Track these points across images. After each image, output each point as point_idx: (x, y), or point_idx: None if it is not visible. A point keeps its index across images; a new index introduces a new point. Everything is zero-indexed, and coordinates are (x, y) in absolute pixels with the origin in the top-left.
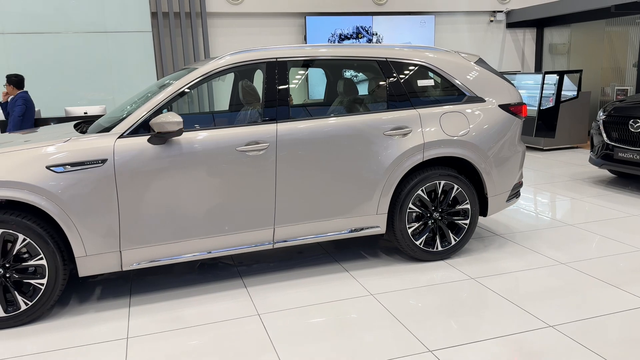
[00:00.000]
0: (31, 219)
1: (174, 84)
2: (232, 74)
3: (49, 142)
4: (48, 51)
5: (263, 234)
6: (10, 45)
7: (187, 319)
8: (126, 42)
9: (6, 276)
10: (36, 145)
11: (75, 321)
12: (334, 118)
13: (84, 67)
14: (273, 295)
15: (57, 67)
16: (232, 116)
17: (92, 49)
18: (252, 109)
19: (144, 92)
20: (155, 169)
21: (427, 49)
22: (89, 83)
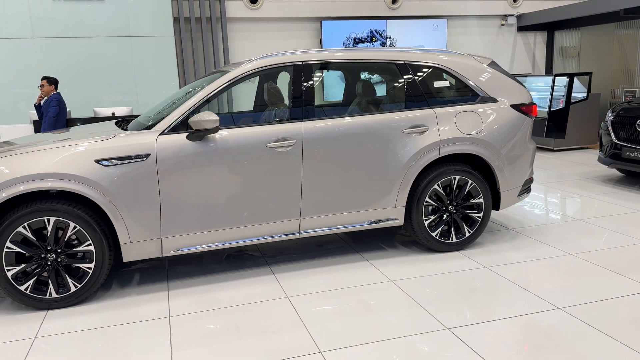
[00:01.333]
0: (81, 208)
1: (209, 85)
2: (257, 76)
3: (97, 138)
4: (75, 55)
5: (290, 224)
6: (40, 49)
7: (223, 300)
8: (149, 46)
9: (58, 260)
10: (86, 141)
11: (119, 303)
12: (355, 117)
13: (108, 70)
14: (300, 280)
15: (83, 70)
16: (260, 115)
17: (117, 52)
18: (280, 109)
19: (179, 93)
20: (192, 163)
21: (442, 52)
22: (113, 85)
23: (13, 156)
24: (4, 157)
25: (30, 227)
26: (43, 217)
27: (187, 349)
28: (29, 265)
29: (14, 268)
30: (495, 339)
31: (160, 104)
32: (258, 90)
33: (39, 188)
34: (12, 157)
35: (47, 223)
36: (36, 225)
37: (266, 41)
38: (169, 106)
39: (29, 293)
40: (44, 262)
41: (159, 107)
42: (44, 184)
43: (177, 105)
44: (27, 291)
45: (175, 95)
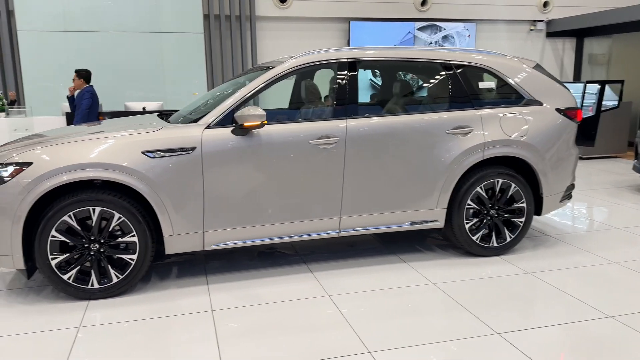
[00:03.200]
0: (125, 199)
1: (254, 81)
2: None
3: (144, 130)
4: (105, 49)
5: (330, 222)
6: (72, 42)
7: (263, 296)
8: (179, 43)
9: (101, 251)
10: (133, 132)
11: (159, 295)
12: (399, 116)
13: (137, 65)
14: (339, 279)
15: (113, 64)
16: (300, 112)
17: (147, 48)
18: (321, 106)
19: (221, 88)
20: (237, 157)
21: (488, 53)
22: (142, 80)
23: (56, 146)
24: (48, 147)
25: (75, 217)
26: (88, 206)
27: (234, 344)
28: (72, 254)
29: (58, 257)
30: (548, 345)
31: (201, 98)
32: (295, 87)
33: (84, 178)
34: (55, 147)
35: (92, 213)
36: (81, 215)
37: (294, 41)
38: (212, 101)
39: (72, 282)
40: (88, 251)
41: (201, 101)
42: (89, 174)
43: (221, 99)
44: (70, 280)
45: (217, 90)
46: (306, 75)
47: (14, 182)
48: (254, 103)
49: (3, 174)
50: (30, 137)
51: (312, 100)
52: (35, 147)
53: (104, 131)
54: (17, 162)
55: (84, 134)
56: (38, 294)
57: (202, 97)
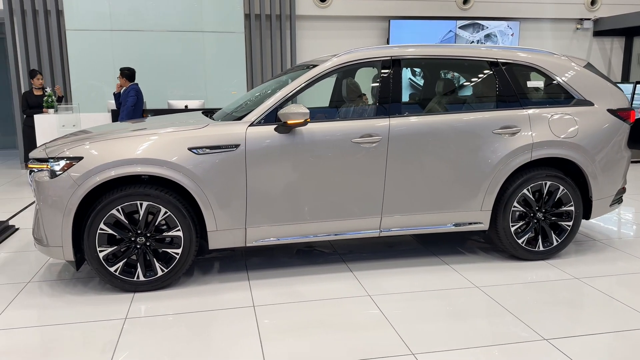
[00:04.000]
0: (172, 194)
1: (298, 79)
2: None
3: (190, 127)
4: (148, 47)
5: (371, 221)
6: (118, 41)
7: (305, 294)
8: (220, 42)
9: (147, 244)
10: (179, 128)
11: (202, 289)
12: (444, 115)
13: (179, 63)
14: (380, 280)
15: (155, 63)
16: (342, 110)
17: (188, 47)
18: (363, 104)
19: (264, 86)
20: (279, 155)
21: (537, 52)
22: (184, 79)
23: (105, 141)
24: (97, 142)
25: (123, 210)
26: (136, 201)
27: (277, 340)
28: (119, 247)
29: (105, 249)
30: (598, 353)
31: (244, 97)
32: (336, 86)
33: (132, 173)
34: (104, 143)
35: (140, 207)
36: (129, 209)
37: (333, 40)
38: (254, 99)
39: (119, 275)
40: (134, 245)
41: (244, 100)
42: (136, 169)
43: (265, 98)
44: (117, 273)
45: (259, 88)
46: (348, 73)
47: (65, 176)
48: (294, 102)
49: (55, 168)
50: (77, 134)
51: (354, 98)
52: (84, 143)
53: (149, 128)
54: (68, 156)
55: (129, 130)
56: (85, 285)
57: (245, 95)
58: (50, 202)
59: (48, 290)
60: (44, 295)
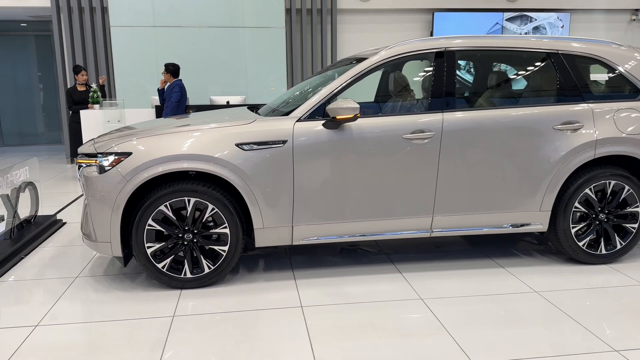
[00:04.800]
0: (219, 190)
1: (347, 72)
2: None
3: (237, 122)
4: (191, 43)
5: (422, 221)
6: (160, 37)
7: (353, 295)
8: (260, 37)
9: (194, 241)
10: (226, 124)
11: (249, 288)
12: (501, 109)
13: (220, 59)
14: (431, 282)
15: (198, 59)
16: (395, 105)
17: (229, 42)
18: (415, 99)
19: (310, 81)
20: (328, 151)
21: (600, 42)
22: (225, 74)
23: (153, 137)
24: (144, 138)
25: (171, 206)
26: (184, 197)
27: (327, 342)
28: (167, 243)
29: (153, 245)
30: None
31: (290, 91)
32: (382, 80)
33: (180, 169)
34: (152, 138)
35: (187, 203)
36: (176, 205)
37: (375, 34)
38: (301, 94)
39: (166, 271)
40: (181, 241)
41: (290, 94)
42: (183, 165)
43: (312, 92)
44: (164, 269)
45: (305, 83)
46: (395, 67)
47: (114, 171)
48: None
49: (104, 163)
50: (122, 130)
51: (402, 93)
52: (131, 138)
53: (195, 123)
54: (117, 152)
55: (176, 126)
56: (132, 281)
57: (290, 90)
58: (98, 197)
59: (96, 286)
60: (92, 291)
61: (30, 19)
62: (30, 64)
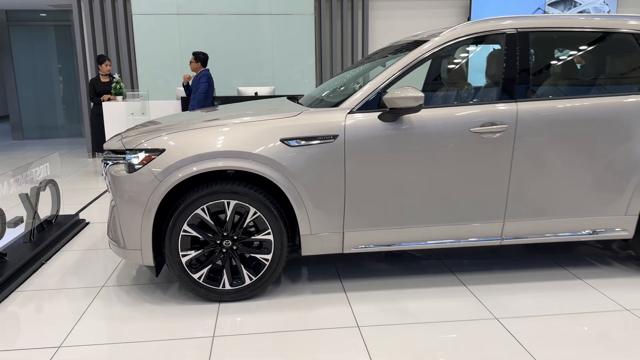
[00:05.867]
0: (262, 192)
1: (405, 58)
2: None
3: (281, 114)
4: (215, 32)
5: (491, 227)
6: (184, 25)
7: (415, 313)
8: (289, 24)
9: (233, 248)
10: (271, 117)
11: (295, 301)
12: (584, 99)
13: (246, 48)
14: (502, 297)
15: (222, 48)
16: (451, 95)
17: (256, 30)
18: (482, 86)
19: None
20: (384, 147)
21: None
22: (251, 64)
23: (186, 132)
24: (176, 133)
25: (208, 210)
26: (223, 199)
27: None
28: (204, 251)
29: (189, 254)
30: None
31: (333, 80)
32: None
33: (218, 168)
34: (186, 133)
35: (227, 206)
36: (214, 209)
37: (408, 20)
38: (348, 82)
39: (202, 282)
40: (220, 249)
41: (334, 83)
42: (225, 163)
43: (364, 80)
44: (201, 280)
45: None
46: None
47: (145, 170)
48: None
49: (133, 161)
50: (146, 124)
51: (457, 81)
52: (161, 134)
53: (229, 117)
54: (148, 148)
55: (206, 120)
56: (164, 292)
57: (335, 78)
58: (127, 199)
59: (124, 297)
60: (120, 304)
61: (50, 8)
62: (50, 55)
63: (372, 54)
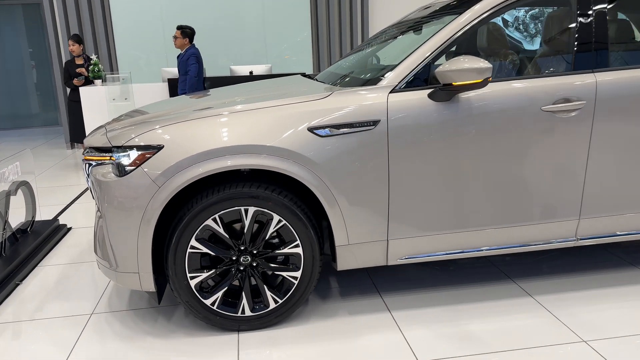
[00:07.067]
0: (287, 195)
1: (459, 18)
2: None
3: (307, 97)
4: (200, 6)
5: (563, 226)
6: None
7: (484, 339)
8: None
9: (253, 265)
10: (293, 100)
11: (330, 327)
12: None
13: (235, 22)
14: (582, 312)
15: (208, 24)
16: (522, 64)
17: (247, 5)
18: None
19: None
20: (436, 134)
21: None
22: (240, 41)
23: (187, 122)
24: (172, 125)
25: (221, 220)
26: (239, 206)
27: None
28: (217, 271)
29: (198, 275)
30: None
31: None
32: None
33: (236, 167)
34: (184, 126)
35: (244, 214)
36: (228, 218)
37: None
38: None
39: (217, 309)
40: (236, 267)
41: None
42: (237, 162)
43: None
44: (214, 307)
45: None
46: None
47: (139, 172)
48: None
49: (123, 161)
50: (131, 114)
51: (498, 51)
52: (154, 126)
53: (229, 103)
54: (141, 145)
55: (204, 107)
56: (168, 319)
57: (356, 51)
58: (118, 210)
59: (119, 329)
60: (115, 338)
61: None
62: (19, 37)
63: (400, 21)
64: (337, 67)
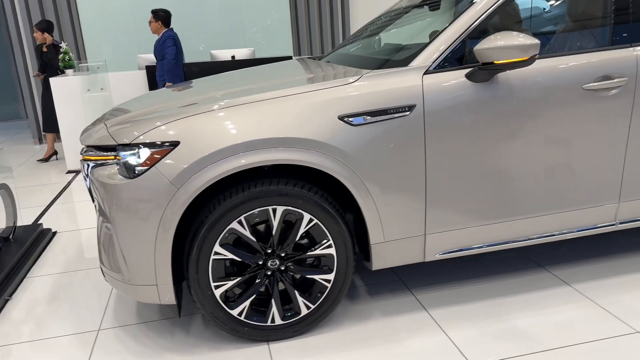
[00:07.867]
0: (317, 191)
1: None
2: None
3: (334, 82)
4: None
5: (602, 211)
6: None
7: (535, 335)
8: None
9: (281, 270)
10: (320, 86)
11: (367, 331)
12: None
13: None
14: (627, 298)
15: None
16: (560, 38)
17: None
18: (592, 27)
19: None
20: (475, 117)
21: None
22: (215, 24)
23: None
24: (189, 118)
25: (247, 222)
26: (268, 205)
27: None
28: (243, 278)
29: (224, 283)
30: None
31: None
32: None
33: (262, 162)
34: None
35: (272, 215)
36: (254, 219)
37: None
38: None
39: (245, 319)
40: (264, 272)
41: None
42: (268, 156)
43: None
44: (242, 317)
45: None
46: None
47: (153, 173)
48: None
49: (131, 161)
50: (114, 113)
51: (508, 25)
52: (166, 120)
53: (246, 92)
54: (151, 142)
55: (185, 101)
56: (187, 332)
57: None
58: (131, 216)
59: (133, 346)
60: (130, 356)
61: None
62: None
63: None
64: (348, 48)
